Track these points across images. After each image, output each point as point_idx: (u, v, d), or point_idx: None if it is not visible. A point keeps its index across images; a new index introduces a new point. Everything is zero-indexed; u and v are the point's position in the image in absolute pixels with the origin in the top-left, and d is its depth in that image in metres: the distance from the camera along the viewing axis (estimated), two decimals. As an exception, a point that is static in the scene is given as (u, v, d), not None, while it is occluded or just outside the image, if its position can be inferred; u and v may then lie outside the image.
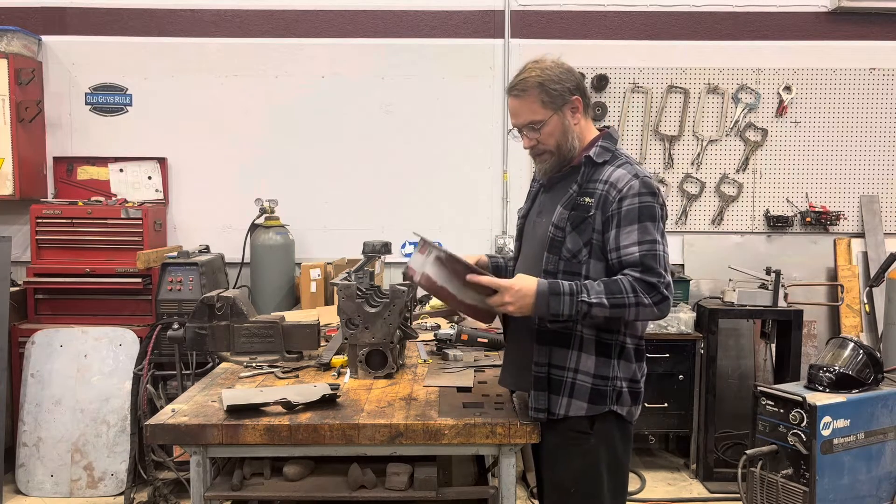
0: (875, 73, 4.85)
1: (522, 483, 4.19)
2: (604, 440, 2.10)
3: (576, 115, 2.12)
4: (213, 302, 2.69)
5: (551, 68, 2.10)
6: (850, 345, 3.36)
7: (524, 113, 2.11)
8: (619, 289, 1.95)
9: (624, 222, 2.01)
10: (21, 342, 4.22)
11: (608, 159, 2.11)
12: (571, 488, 2.10)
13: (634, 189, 2.02)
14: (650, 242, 1.99)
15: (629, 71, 4.83)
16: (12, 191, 4.45)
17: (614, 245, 2.02)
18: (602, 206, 2.04)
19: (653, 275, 1.96)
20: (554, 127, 2.11)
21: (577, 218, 2.05)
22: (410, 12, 4.82)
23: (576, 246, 2.05)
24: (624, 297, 1.94)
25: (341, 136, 4.86)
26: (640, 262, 1.97)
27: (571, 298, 1.94)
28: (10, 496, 4.07)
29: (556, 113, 2.10)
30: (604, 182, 2.05)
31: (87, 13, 4.77)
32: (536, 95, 2.09)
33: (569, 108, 2.11)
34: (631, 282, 1.95)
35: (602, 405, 2.07)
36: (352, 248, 4.41)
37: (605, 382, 2.07)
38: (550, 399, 2.07)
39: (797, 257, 4.91)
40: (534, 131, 2.12)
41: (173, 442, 2.35)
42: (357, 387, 2.47)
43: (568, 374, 2.07)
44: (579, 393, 2.07)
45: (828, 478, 3.12)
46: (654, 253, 1.98)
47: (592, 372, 2.07)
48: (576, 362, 2.07)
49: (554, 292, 1.95)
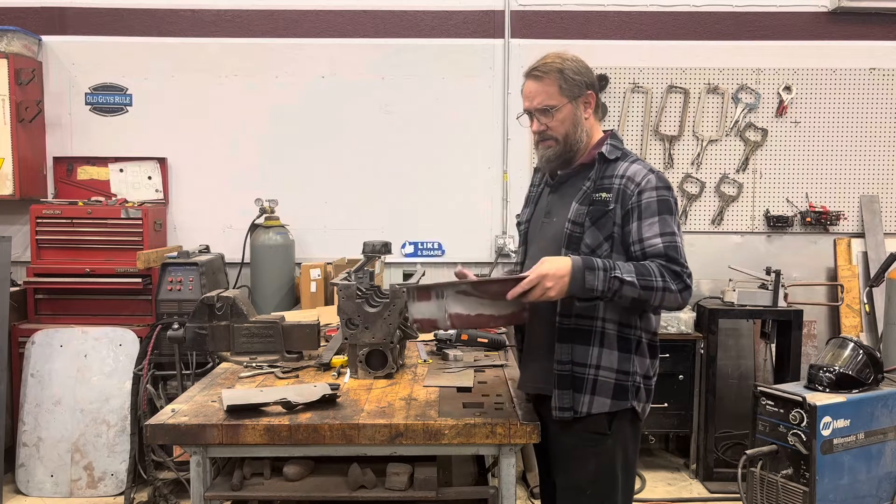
0: (875, 73, 4.85)
1: (522, 483, 4.19)
2: (620, 441, 2.11)
3: (587, 109, 2.16)
4: (213, 302, 2.69)
5: (572, 60, 2.16)
6: (850, 345, 3.36)
7: (540, 95, 2.13)
8: (649, 272, 1.98)
9: (645, 214, 2.04)
10: (21, 342, 4.22)
11: (619, 156, 2.14)
12: (588, 490, 2.10)
13: (652, 183, 2.06)
14: (670, 234, 2.03)
15: (629, 71, 4.83)
16: (12, 191, 4.45)
17: (637, 237, 2.05)
18: (621, 200, 2.06)
19: (677, 264, 2.00)
20: (567, 115, 2.13)
21: (597, 212, 2.07)
22: (410, 12, 4.82)
23: (595, 241, 2.07)
24: (653, 280, 1.97)
25: (341, 136, 4.85)
26: (665, 252, 2.01)
27: (605, 274, 1.95)
28: (10, 496, 4.07)
29: (570, 102, 2.13)
30: (620, 177, 2.08)
31: (87, 13, 4.77)
32: (555, 80, 2.11)
33: (583, 100, 2.15)
34: (659, 267, 1.99)
35: (625, 400, 2.09)
36: (352, 248, 4.41)
37: (627, 377, 2.09)
38: (574, 397, 2.07)
39: (797, 257, 4.91)
40: (546, 116, 2.13)
41: (173, 442, 2.35)
42: (357, 387, 2.48)
43: (590, 371, 2.08)
44: (602, 389, 2.08)
45: (828, 478, 3.12)
46: (675, 244, 2.03)
47: (615, 367, 2.08)
48: (597, 358, 2.08)
49: (589, 267, 1.95)
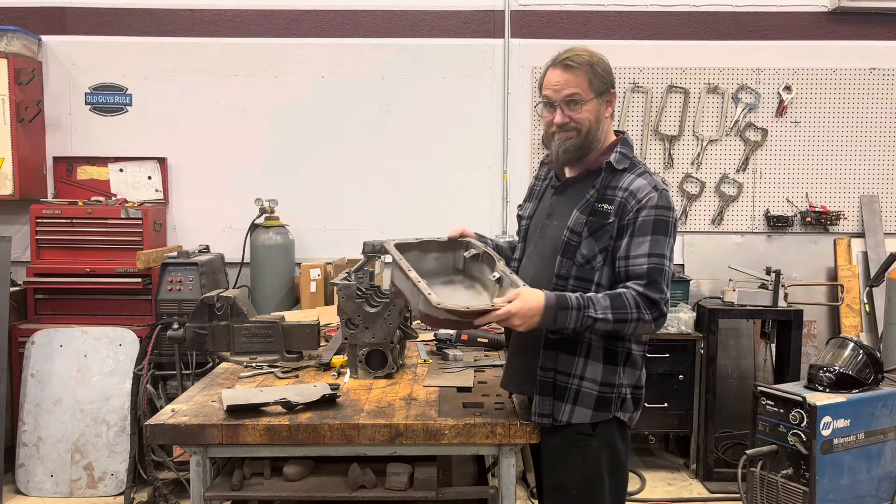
0: (875, 73, 4.85)
1: (522, 483, 4.18)
2: (605, 442, 2.09)
3: (608, 108, 2.14)
4: (213, 302, 2.69)
5: (600, 57, 2.12)
6: (850, 345, 3.36)
7: (570, 86, 2.07)
8: (624, 304, 1.96)
9: (638, 232, 2.01)
10: (21, 342, 4.21)
11: (627, 167, 2.10)
12: (573, 490, 2.10)
13: (653, 201, 2.02)
14: (659, 256, 2.00)
15: (629, 71, 4.83)
16: (12, 191, 4.45)
17: (624, 254, 2.02)
18: (620, 214, 2.03)
19: (656, 290, 1.97)
20: (592, 110, 2.09)
21: (595, 224, 2.05)
22: (410, 12, 4.82)
23: (591, 252, 2.05)
24: (627, 313, 1.95)
25: (341, 136, 4.85)
26: (647, 274, 1.98)
27: (579, 313, 1.94)
28: (9, 496, 4.07)
29: (597, 98, 2.10)
30: (623, 189, 2.05)
31: (87, 13, 4.76)
32: (587, 73, 2.07)
33: (606, 99, 2.12)
34: (635, 297, 1.96)
35: (606, 412, 2.07)
36: (352, 248, 4.39)
37: (612, 390, 2.07)
38: (555, 405, 2.06)
39: (797, 257, 4.91)
40: (572, 107, 2.08)
41: (173, 442, 2.35)
42: (357, 387, 2.47)
43: (573, 381, 2.06)
44: (584, 400, 2.06)
45: (828, 478, 3.12)
46: (660, 268, 1.99)
47: (599, 379, 2.06)
48: (582, 369, 2.06)
49: (562, 307, 1.94)
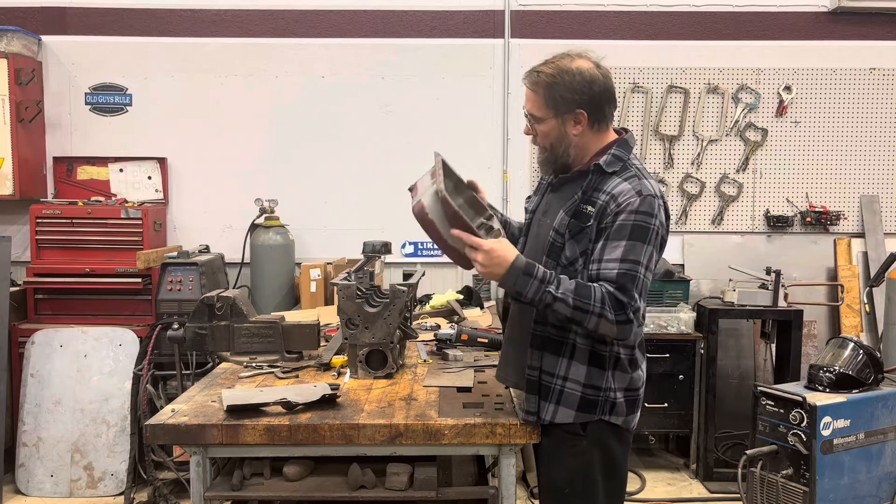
0: (875, 73, 4.85)
1: (522, 483, 4.18)
2: (597, 442, 2.08)
3: (577, 126, 2.07)
4: (213, 302, 2.69)
5: (571, 74, 2.03)
6: (850, 345, 3.36)
7: (528, 102, 2.13)
8: (589, 294, 1.92)
9: (613, 236, 1.97)
10: (21, 342, 4.21)
11: (618, 170, 2.05)
12: (565, 489, 2.09)
13: (633, 206, 1.96)
14: (632, 262, 1.94)
15: (629, 71, 4.83)
16: (12, 191, 4.45)
17: (597, 256, 1.98)
18: (599, 217, 2.00)
19: (625, 295, 1.92)
20: (549, 129, 2.09)
21: (576, 227, 2.03)
22: (410, 12, 4.82)
23: (573, 254, 2.04)
24: (589, 304, 1.91)
25: (341, 136, 4.85)
26: (616, 279, 1.93)
27: (540, 285, 1.93)
28: (9, 496, 4.07)
29: (555, 117, 2.07)
30: (607, 193, 2.01)
31: (87, 13, 4.76)
32: (542, 93, 2.07)
33: (571, 118, 2.06)
34: (603, 293, 1.92)
35: (591, 414, 2.05)
36: (352, 248, 4.40)
37: (597, 393, 2.05)
38: (540, 404, 2.06)
39: (797, 257, 4.91)
40: (534, 122, 2.13)
41: (173, 442, 2.35)
42: (357, 387, 2.47)
43: (557, 381, 2.05)
44: (567, 400, 2.05)
45: (828, 478, 3.12)
46: (633, 274, 1.94)
47: (583, 381, 2.04)
48: (565, 370, 2.05)
49: (527, 273, 1.94)
